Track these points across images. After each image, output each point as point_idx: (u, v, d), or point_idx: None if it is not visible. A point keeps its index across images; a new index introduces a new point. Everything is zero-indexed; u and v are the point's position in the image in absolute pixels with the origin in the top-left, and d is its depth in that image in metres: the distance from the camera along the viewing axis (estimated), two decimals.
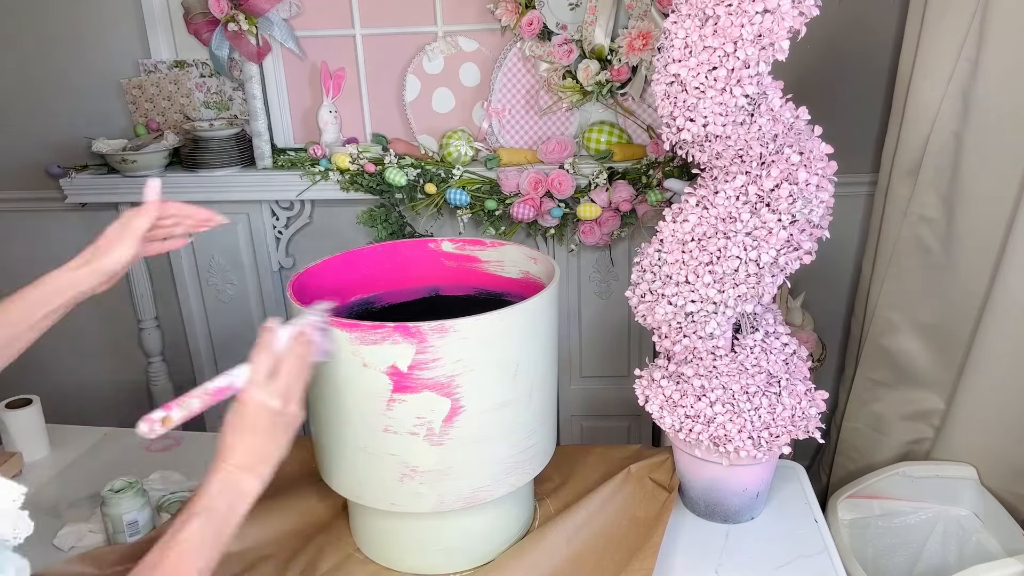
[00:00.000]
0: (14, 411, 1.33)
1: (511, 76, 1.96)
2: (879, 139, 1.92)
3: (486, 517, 1.07)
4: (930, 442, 1.70)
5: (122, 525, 1.07)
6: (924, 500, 1.62)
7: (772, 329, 1.13)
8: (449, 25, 1.96)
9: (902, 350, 1.72)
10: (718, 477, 1.12)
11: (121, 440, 1.41)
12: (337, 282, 1.15)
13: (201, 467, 1.30)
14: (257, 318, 2.22)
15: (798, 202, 0.99)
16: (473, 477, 1.00)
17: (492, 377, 0.96)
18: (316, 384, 0.98)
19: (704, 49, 0.98)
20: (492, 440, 0.99)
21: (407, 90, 2.00)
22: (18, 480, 1.30)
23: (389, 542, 1.08)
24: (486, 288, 1.23)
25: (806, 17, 0.96)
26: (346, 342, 0.92)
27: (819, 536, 1.12)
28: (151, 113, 2.15)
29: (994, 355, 1.50)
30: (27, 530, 0.73)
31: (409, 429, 0.95)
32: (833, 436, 2.00)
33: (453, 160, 1.95)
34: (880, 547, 1.63)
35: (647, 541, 1.06)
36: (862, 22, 1.87)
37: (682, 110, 1.03)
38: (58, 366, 2.44)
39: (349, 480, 1.03)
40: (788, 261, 1.03)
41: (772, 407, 1.08)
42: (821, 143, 1.01)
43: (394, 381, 0.93)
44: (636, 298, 1.14)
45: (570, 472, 1.26)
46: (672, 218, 1.09)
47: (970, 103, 1.49)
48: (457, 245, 1.22)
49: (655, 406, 1.14)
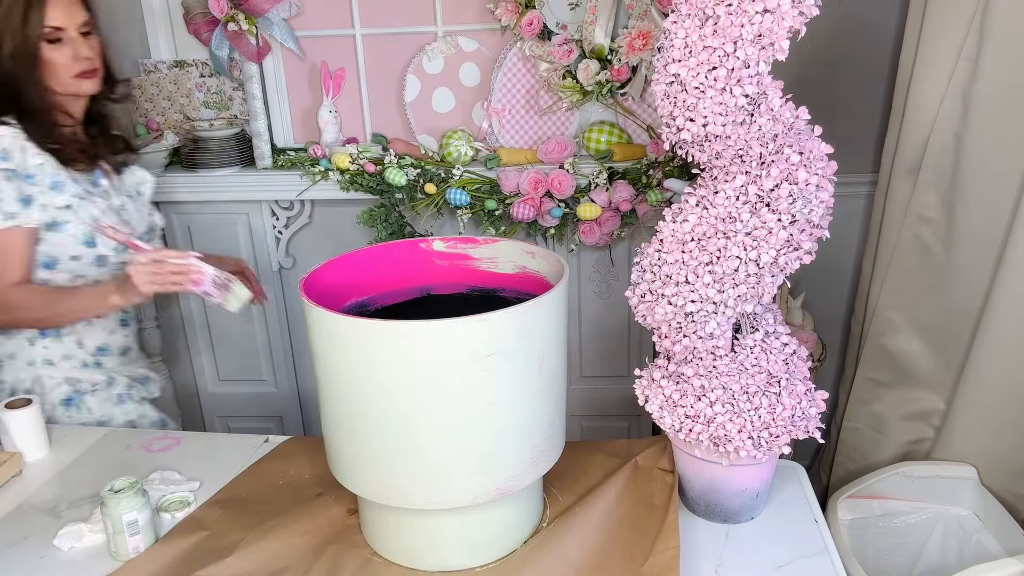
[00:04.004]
0: (14, 411, 1.33)
1: (511, 76, 1.96)
2: (879, 139, 1.92)
3: (507, 509, 1.07)
4: (930, 442, 1.70)
5: (122, 525, 1.07)
6: (924, 500, 1.62)
7: (772, 329, 1.13)
8: (449, 25, 1.96)
9: (902, 350, 1.72)
10: (718, 477, 1.13)
11: (121, 440, 1.41)
12: (333, 285, 1.15)
13: (201, 467, 1.31)
14: (257, 318, 2.22)
15: (798, 202, 0.99)
16: (504, 468, 1.01)
17: (521, 369, 0.97)
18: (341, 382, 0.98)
19: (704, 49, 0.98)
20: (522, 431, 1.00)
21: (407, 90, 2.01)
22: (18, 480, 1.30)
23: (412, 542, 1.07)
24: (479, 285, 1.23)
25: (806, 17, 0.96)
26: (368, 338, 0.93)
27: (819, 536, 1.12)
28: (151, 113, 2.15)
29: (994, 355, 1.50)
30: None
31: (440, 422, 0.96)
32: (833, 436, 2.00)
33: (453, 160, 1.95)
34: (880, 547, 1.64)
35: (664, 523, 1.09)
36: (862, 22, 1.87)
37: (682, 110, 1.03)
38: None
39: (373, 481, 1.02)
40: (788, 261, 1.03)
41: (772, 407, 1.08)
42: (821, 143, 1.01)
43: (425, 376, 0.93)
44: (636, 298, 1.14)
45: (569, 463, 1.26)
46: (672, 218, 1.09)
47: (970, 103, 1.49)
48: (448, 244, 1.23)
49: (655, 406, 1.14)
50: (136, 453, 1.37)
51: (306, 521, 1.14)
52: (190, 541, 1.11)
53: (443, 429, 0.96)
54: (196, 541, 1.11)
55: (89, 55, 1.40)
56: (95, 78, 1.43)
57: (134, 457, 1.35)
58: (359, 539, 1.12)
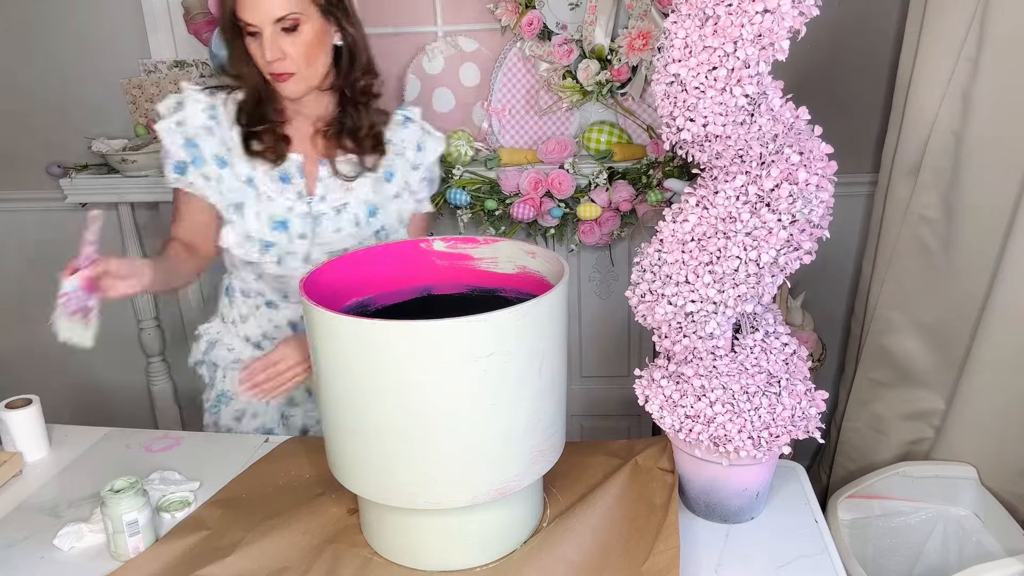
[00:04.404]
0: (14, 411, 1.33)
1: (511, 76, 1.96)
2: (879, 139, 1.92)
3: (507, 509, 1.07)
4: (930, 442, 1.70)
5: (122, 525, 1.07)
6: (924, 500, 1.62)
7: (772, 329, 1.13)
8: (449, 25, 1.96)
9: (902, 350, 1.72)
10: (718, 477, 1.13)
11: (121, 440, 1.41)
12: (333, 285, 1.15)
13: (201, 467, 1.31)
14: None
15: (798, 202, 0.99)
16: (504, 468, 1.01)
17: (522, 368, 0.97)
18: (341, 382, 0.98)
19: (704, 49, 0.98)
20: (522, 431, 1.00)
21: (407, 90, 2.00)
22: (18, 480, 1.30)
23: (412, 542, 1.07)
24: (479, 285, 1.23)
25: (806, 17, 0.96)
26: (369, 338, 0.93)
27: (819, 536, 1.12)
28: (151, 113, 2.15)
29: (994, 355, 1.50)
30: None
31: (442, 422, 0.96)
32: (833, 436, 2.00)
33: (453, 160, 1.95)
34: (880, 547, 1.64)
35: (664, 523, 1.09)
36: (862, 22, 1.87)
37: (682, 110, 1.03)
38: (58, 366, 2.44)
39: (374, 482, 1.02)
40: (788, 261, 1.03)
41: (772, 407, 1.08)
42: (821, 143, 1.01)
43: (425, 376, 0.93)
44: (636, 298, 1.14)
45: (570, 463, 1.26)
46: (672, 218, 1.09)
47: (970, 103, 1.49)
48: (449, 244, 1.22)
49: (655, 406, 1.14)
50: (136, 453, 1.37)
51: (306, 521, 1.14)
52: (190, 541, 1.11)
53: (443, 429, 0.96)
54: (196, 541, 1.11)
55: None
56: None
57: (134, 457, 1.35)
58: (359, 539, 1.12)
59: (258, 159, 1.34)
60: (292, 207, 1.36)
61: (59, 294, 1.09)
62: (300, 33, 1.25)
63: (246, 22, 1.23)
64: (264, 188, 1.35)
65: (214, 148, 1.33)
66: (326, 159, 1.37)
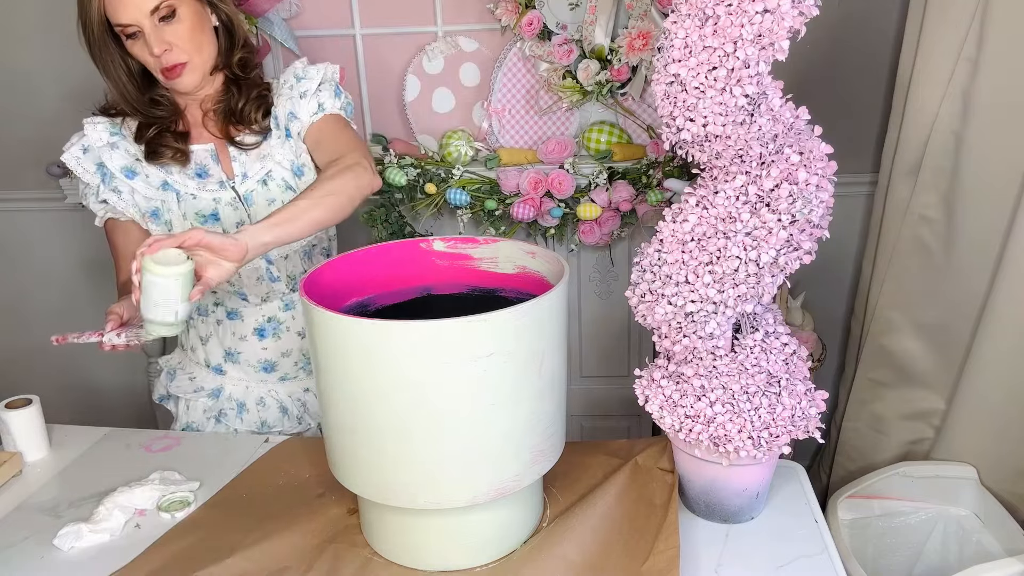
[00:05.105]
0: (14, 411, 1.33)
1: (511, 76, 1.96)
2: (879, 139, 1.92)
3: (507, 509, 1.07)
4: (930, 442, 1.70)
5: None
6: (924, 500, 1.62)
7: (772, 329, 1.13)
8: (449, 25, 1.96)
9: (902, 350, 1.72)
10: (718, 477, 1.13)
11: (121, 440, 1.41)
12: (334, 285, 1.15)
13: (201, 467, 1.31)
14: None
15: (798, 202, 0.99)
16: (504, 468, 1.01)
17: (522, 368, 0.97)
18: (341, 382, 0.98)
19: (704, 49, 0.98)
20: (522, 431, 1.00)
21: (407, 90, 2.00)
22: (18, 480, 1.30)
23: (412, 542, 1.07)
24: (479, 285, 1.23)
25: (806, 17, 0.96)
26: (369, 338, 0.93)
27: (819, 536, 1.12)
28: None
29: (994, 355, 1.50)
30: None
31: (442, 422, 0.96)
32: (833, 436, 2.00)
33: (453, 160, 1.95)
34: (880, 547, 1.64)
35: (664, 523, 1.09)
36: (862, 22, 1.87)
37: (682, 110, 1.03)
38: (58, 366, 2.44)
39: (374, 482, 1.02)
40: (788, 261, 1.03)
41: (772, 407, 1.08)
42: (821, 143, 1.01)
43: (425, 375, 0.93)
44: (636, 298, 1.14)
45: (570, 463, 1.27)
46: (672, 218, 1.09)
47: (970, 103, 1.49)
48: (449, 244, 1.22)
49: (655, 406, 1.14)
50: (136, 453, 1.37)
51: (306, 521, 1.14)
52: (190, 541, 1.11)
53: (443, 429, 0.96)
54: (196, 541, 1.11)
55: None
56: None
57: (134, 457, 1.35)
58: (359, 539, 1.12)
59: (168, 163, 1.35)
60: (218, 198, 1.36)
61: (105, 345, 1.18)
62: (179, 19, 1.26)
63: (122, 24, 1.24)
64: (184, 188, 1.36)
65: (120, 161, 1.35)
66: (226, 138, 1.38)
